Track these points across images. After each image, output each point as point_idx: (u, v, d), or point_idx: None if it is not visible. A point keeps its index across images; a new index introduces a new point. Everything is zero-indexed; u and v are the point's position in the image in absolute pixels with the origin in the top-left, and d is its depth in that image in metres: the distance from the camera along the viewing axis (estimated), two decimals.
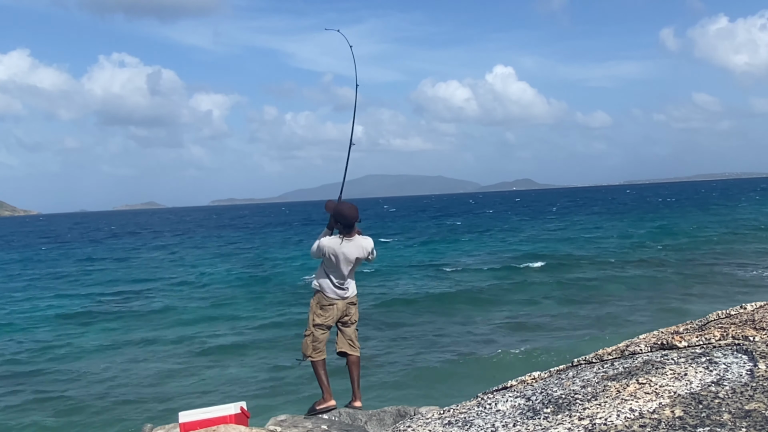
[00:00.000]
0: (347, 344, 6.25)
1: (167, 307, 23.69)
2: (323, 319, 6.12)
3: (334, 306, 6.11)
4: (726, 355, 2.50)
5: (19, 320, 22.63)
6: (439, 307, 20.94)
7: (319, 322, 6.11)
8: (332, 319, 6.15)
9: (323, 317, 6.11)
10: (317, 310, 6.12)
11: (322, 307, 6.10)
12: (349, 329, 6.27)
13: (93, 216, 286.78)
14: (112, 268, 39.12)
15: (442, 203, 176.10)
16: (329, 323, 6.15)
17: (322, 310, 6.10)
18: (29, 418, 12.33)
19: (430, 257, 35.93)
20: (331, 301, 6.11)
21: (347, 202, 6.20)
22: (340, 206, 6.10)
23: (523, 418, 2.31)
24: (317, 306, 6.13)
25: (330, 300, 6.11)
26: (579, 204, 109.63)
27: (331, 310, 6.11)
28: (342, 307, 6.17)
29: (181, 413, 5.38)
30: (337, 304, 6.14)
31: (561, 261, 30.69)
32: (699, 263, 27.60)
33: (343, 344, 6.26)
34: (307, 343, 6.13)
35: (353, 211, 6.07)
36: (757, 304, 3.37)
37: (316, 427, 5.60)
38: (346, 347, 6.26)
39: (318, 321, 6.11)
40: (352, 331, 6.30)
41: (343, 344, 6.26)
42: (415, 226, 68.86)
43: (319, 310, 6.11)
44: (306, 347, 6.14)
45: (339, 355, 6.34)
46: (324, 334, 6.19)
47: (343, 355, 6.33)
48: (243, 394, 11.86)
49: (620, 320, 17.69)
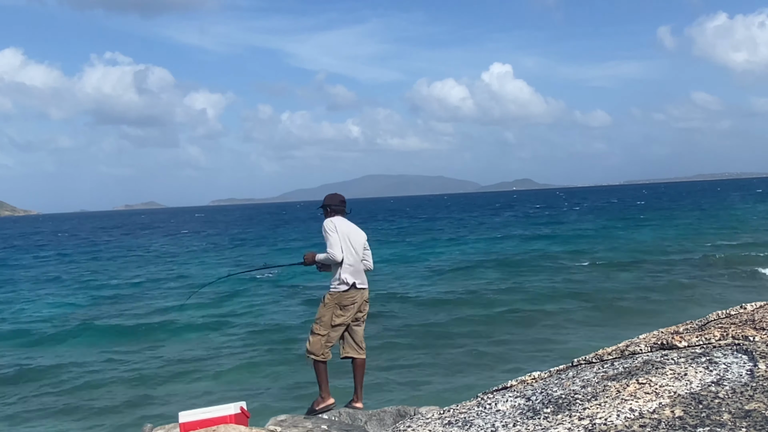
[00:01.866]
0: (355, 348, 6.25)
1: (167, 307, 23.69)
2: (343, 318, 6.10)
3: (355, 305, 6.12)
4: (726, 355, 2.50)
5: (18, 320, 22.64)
6: (439, 307, 20.94)
7: (339, 322, 6.10)
8: (351, 318, 6.15)
9: (343, 317, 6.10)
10: (337, 310, 6.08)
11: (343, 306, 6.08)
12: (360, 329, 6.26)
13: (92, 216, 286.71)
14: (111, 268, 39.13)
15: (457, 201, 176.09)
16: (347, 322, 6.15)
17: (342, 309, 6.09)
18: (29, 418, 12.33)
19: (429, 257, 35.93)
20: (353, 300, 6.11)
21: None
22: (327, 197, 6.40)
23: (523, 418, 2.31)
24: (336, 306, 6.09)
25: (351, 299, 6.10)
26: (575, 204, 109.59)
27: (351, 309, 6.11)
28: (360, 302, 6.16)
29: (181, 413, 5.38)
30: (356, 302, 6.13)
31: (561, 261, 30.70)
32: (699, 262, 27.61)
33: (350, 349, 6.25)
34: (320, 343, 6.10)
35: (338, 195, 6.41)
36: (757, 304, 3.37)
37: (316, 427, 5.60)
38: (353, 352, 6.25)
39: (337, 321, 6.09)
40: (362, 332, 6.30)
41: (351, 348, 6.25)
42: (423, 225, 68.89)
43: (339, 310, 6.08)
44: (318, 348, 6.11)
45: (343, 359, 6.33)
46: (338, 333, 6.17)
47: (347, 359, 6.33)
48: (243, 394, 11.86)
49: (620, 320, 17.70)
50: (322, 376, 6.20)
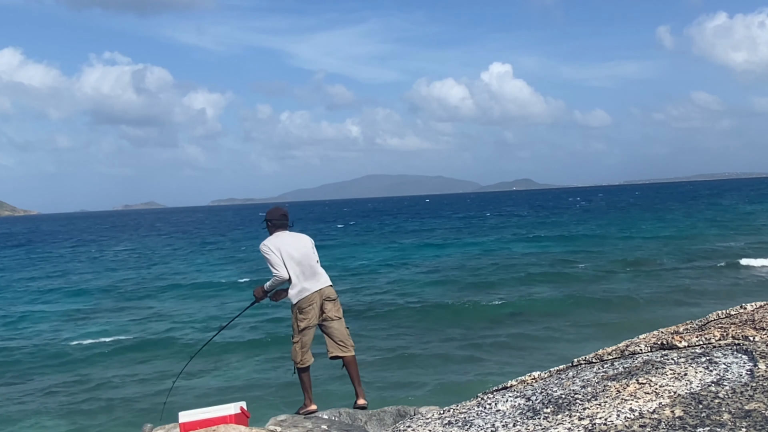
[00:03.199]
0: (338, 347, 6.30)
1: (166, 307, 23.70)
2: (306, 321, 6.23)
3: (313, 305, 6.21)
4: (726, 355, 2.50)
5: (15, 320, 22.64)
6: (439, 307, 20.93)
7: (303, 325, 6.23)
8: (314, 318, 6.25)
9: (306, 319, 6.23)
10: (299, 315, 6.24)
11: (302, 310, 6.22)
12: (335, 328, 6.29)
13: (91, 216, 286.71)
14: (109, 268, 39.14)
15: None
16: (312, 323, 6.25)
17: (302, 313, 6.23)
18: (28, 418, 12.33)
19: (428, 257, 35.93)
20: (310, 301, 6.20)
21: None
22: (268, 211, 6.52)
23: (523, 418, 2.31)
24: (298, 311, 6.24)
25: (308, 301, 6.20)
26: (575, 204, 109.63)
27: (310, 310, 6.22)
28: (319, 301, 6.24)
29: (181, 413, 5.38)
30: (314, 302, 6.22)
31: (561, 261, 30.70)
32: (699, 263, 27.61)
33: (333, 348, 6.31)
34: (296, 350, 6.25)
35: (280, 208, 6.51)
36: (757, 304, 3.37)
37: (316, 427, 5.61)
38: (336, 350, 6.30)
39: (302, 325, 6.22)
40: (340, 330, 6.31)
41: (334, 347, 6.31)
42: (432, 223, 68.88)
43: (300, 314, 6.23)
44: (295, 354, 6.26)
45: (332, 359, 6.36)
46: (309, 336, 6.28)
47: (336, 359, 6.34)
48: (243, 394, 11.85)
49: (620, 320, 17.69)
50: (305, 383, 6.32)
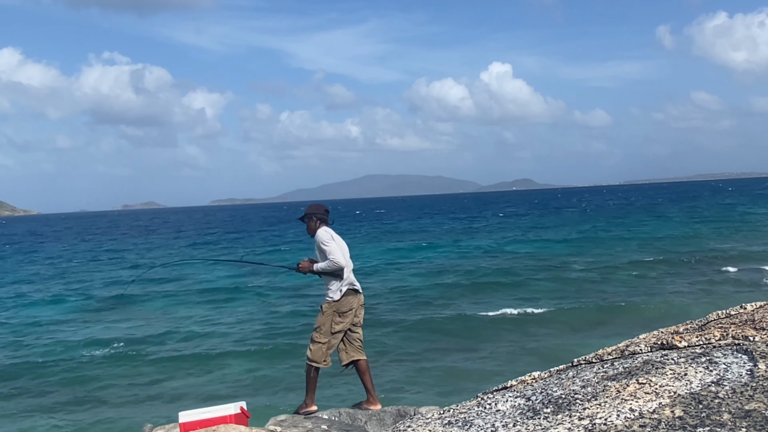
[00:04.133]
0: (357, 350, 6.31)
1: (165, 307, 23.69)
2: (342, 325, 6.20)
3: (352, 310, 6.22)
4: (726, 355, 2.50)
5: (15, 319, 22.63)
6: (438, 307, 20.94)
7: (338, 329, 6.19)
8: (349, 323, 6.24)
9: (342, 323, 6.20)
10: (336, 318, 6.18)
11: (341, 313, 6.18)
12: (358, 333, 6.34)
13: (90, 216, 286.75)
14: (108, 267, 39.14)
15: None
16: (346, 328, 6.25)
17: (341, 316, 6.18)
18: (28, 419, 12.32)
19: (428, 257, 35.93)
20: (350, 306, 6.21)
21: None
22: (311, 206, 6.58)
23: (523, 418, 2.31)
24: (335, 314, 6.18)
25: (349, 305, 6.20)
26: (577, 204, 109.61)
27: (349, 315, 6.22)
28: (356, 306, 6.26)
29: (181, 413, 5.39)
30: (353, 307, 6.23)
31: (561, 261, 30.70)
32: (699, 263, 27.60)
33: (354, 352, 6.31)
34: (321, 351, 6.19)
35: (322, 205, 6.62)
36: (757, 304, 3.37)
37: (316, 427, 5.61)
38: (356, 353, 6.31)
39: (337, 328, 6.18)
40: (360, 333, 6.37)
41: (354, 352, 6.31)
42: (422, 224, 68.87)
43: (338, 317, 6.18)
44: (320, 356, 6.19)
45: (346, 366, 6.35)
46: (338, 339, 6.27)
47: (350, 365, 6.35)
48: (243, 394, 11.85)
49: (620, 320, 17.69)
50: (313, 383, 6.28)
